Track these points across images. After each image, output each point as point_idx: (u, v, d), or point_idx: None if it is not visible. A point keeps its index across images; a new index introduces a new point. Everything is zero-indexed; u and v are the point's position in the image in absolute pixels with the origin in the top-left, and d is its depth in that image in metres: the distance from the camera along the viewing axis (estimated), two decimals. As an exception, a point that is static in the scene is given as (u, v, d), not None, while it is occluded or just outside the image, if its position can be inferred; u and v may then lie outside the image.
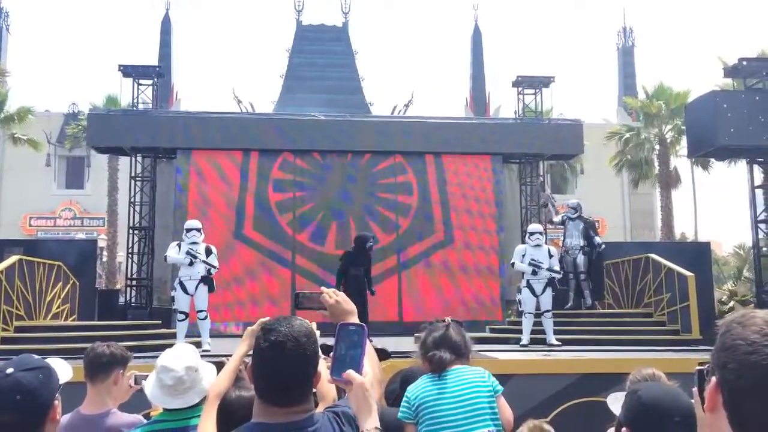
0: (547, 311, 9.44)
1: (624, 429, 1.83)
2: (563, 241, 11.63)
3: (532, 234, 9.85)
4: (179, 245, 9.03)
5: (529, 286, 9.54)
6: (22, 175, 24.74)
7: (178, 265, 9.11)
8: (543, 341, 9.38)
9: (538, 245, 9.61)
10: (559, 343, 9.24)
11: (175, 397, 2.53)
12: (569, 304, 11.28)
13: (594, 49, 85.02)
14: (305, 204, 13.93)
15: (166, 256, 9.21)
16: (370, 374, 1.68)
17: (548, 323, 9.42)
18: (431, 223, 14.14)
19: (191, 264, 8.85)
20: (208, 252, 9.00)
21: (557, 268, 9.66)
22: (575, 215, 11.40)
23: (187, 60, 70.35)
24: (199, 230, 9.08)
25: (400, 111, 17.40)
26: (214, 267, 9.07)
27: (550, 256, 9.61)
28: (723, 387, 0.95)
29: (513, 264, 9.90)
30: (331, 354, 1.69)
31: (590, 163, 23.15)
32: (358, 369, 1.63)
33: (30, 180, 24.94)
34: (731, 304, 16.54)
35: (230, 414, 2.12)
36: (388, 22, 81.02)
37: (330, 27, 17.64)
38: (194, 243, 8.94)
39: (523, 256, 9.64)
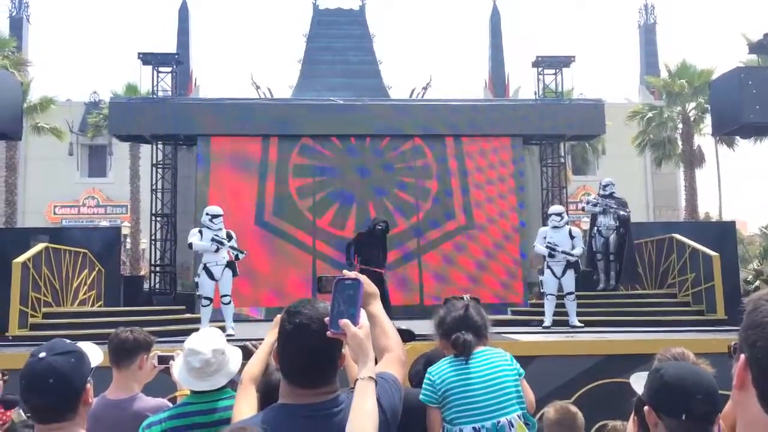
0: (570, 293, 9.38)
1: (646, 408, 1.82)
2: (597, 220, 11.35)
3: (549, 216, 9.84)
4: (201, 231, 9.08)
5: (549, 268, 9.51)
6: (46, 164, 25.08)
7: (201, 251, 9.16)
8: (566, 323, 9.34)
9: (556, 227, 9.56)
10: (582, 324, 9.19)
11: (202, 379, 2.57)
12: (601, 286, 11.16)
13: (615, 27, 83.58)
14: (325, 189, 13.97)
15: (190, 243, 9.08)
16: (367, 326, 1.71)
17: (571, 305, 9.37)
18: (451, 206, 14.11)
19: (217, 250, 8.92)
20: (229, 237, 9.07)
21: (577, 250, 9.46)
22: (608, 194, 11.21)
23: (205, 47, 70.50)
24: (222, 216, 9.15)
25: (418, 94, 17.32)
26: (243, 252, 9.17)
27: (572, 237, 9.51)
28: (752, 365, 0.95)
29: (535, 246, 9.91)
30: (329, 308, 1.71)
31: (612, 144, 22.87)
32: (354, 321, 1.67)
33: (53, 169, 25.27)
34: (757, 283, 16.35)
35: (275, 396, 2.15)
36: (405, 5, 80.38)
37: (347, 11, 17.56)
38: (220, 229, 9.00)
39: (545, 238, 9.61)
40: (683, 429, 1.76)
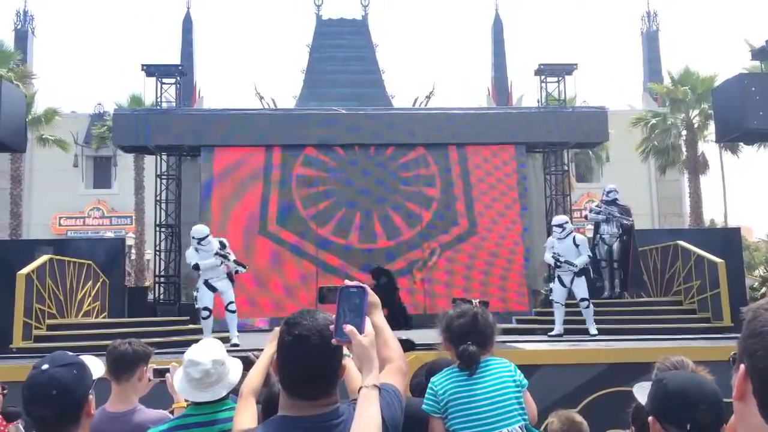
0: (583, 300, 9.29)
1: (650, 418, 1.81)
2: (600, 227, 11.34)
3: (552, 227, 9.90)
4: (196, 249, 8.83)
5: (558, 277, 9.50)
6: (51, 175, 25.22)
7: (206, 269, 8.87)
8: (575, 332, 9.28)
9: (559, 237, 9.55)
10: (596, 332, 9.13)
11: (202, 390, 2.56)
12: (606, 294, 11.14)
13: (618, 34, 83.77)
14: (328, 198, 13.97)
15: (197, 264, 8.74)
16: (372, 334, 1.71)
17: (586, 313, 9.27)
18: (455, 214, 14.09)
19: (220, 264, 8.89)
20: (223, 245, 8.94)
21: (581, 258, 9.38)
22: (611, 200, 11.19)
23: (209, 58, 70.93)
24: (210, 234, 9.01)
25: (421, 103, 17.35)
26: (244, 267, 9.13)
27: (576, 245, 9.49)
28: (752, 374, 0.93)
29: (545, 256, 9.97)
30: (335, 316, 1.71)
31: (616, 151, 22.86)
32: (360, 329, 1.68)
33: (58, 180, 25.41)
34: (763, 290, 16.28)
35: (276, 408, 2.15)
36: (408, 14, 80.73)
37: (349, 20, 17.63)
38: (211, 247, 8.85)
39: (552, 248, 9.61)
40: (688, 439, 1.74)
